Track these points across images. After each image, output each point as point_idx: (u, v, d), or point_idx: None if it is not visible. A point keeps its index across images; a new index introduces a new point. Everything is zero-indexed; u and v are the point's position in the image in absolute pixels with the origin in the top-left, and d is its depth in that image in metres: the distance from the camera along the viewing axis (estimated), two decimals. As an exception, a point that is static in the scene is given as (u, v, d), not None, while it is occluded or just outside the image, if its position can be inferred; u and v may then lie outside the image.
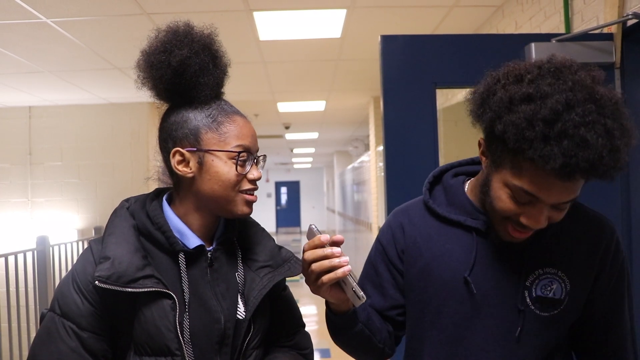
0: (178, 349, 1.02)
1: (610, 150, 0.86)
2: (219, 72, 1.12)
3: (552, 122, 0.87)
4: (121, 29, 3.78)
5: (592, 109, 0.87)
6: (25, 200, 6.27)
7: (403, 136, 2.07)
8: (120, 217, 1.11)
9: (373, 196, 6.88)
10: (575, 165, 0.86)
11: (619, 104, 0.91)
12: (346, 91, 6.39)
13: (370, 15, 3.71)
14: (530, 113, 0.89)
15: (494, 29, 3.60)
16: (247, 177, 1.10)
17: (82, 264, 1.07)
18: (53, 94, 5.75)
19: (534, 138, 0.88)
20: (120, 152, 6.26)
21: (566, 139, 0.86)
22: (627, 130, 0.90)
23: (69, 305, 1.04)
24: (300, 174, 21.27)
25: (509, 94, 0.94)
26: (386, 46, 2.10)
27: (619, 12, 2.11)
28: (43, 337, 1.04)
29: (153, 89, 1.11)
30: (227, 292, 1.10)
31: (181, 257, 1.07)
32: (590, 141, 0.85)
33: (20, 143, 6.25)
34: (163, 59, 1.06)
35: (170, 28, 1.11)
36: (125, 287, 1.00)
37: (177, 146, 1.09)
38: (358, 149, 11.99)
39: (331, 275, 0.97)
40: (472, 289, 1.09)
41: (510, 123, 0.92)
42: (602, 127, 0.87)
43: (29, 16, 3.40)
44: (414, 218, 1.23)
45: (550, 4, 2.72)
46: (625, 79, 2.15)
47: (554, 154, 0.87)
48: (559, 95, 0.89)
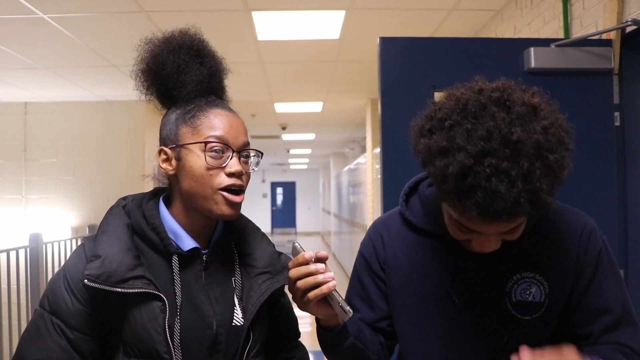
0: (167, 352, 1.00)
1: (528, 193, 0.85)
2: (204, 69, 1.11)
3: (462, 176, 0.86)
4: (119, 27, 3.77)
5: (506, 156, 0.85)
6: (19, 197, 6.24)
7: (400, 139, 2.04)
8: (115, 215, 1.09)
9: (369, 198, 6.88)
10: (492, 215, 0.86)
11: (544, 140, 0.87)
12: (344, 93, 6.39)
13: (369, 16, 3.71)
14: (442, 168, 0.89)
15: (492, 33, 3.60)
16: (225, 171, 1.04)
17: (74, 262, 1.05)
18: (49, 91, 5.72)
19: (449, 191, 0.89)
20: (116, 150, 6.23)
21: (479, 191, 0.85)
22: (552, 165, 0.87)
23: (58, 303, 1.02)
24: (296, 174, 21.25)
25: (428, 145, 0.93)
26: (385, 48, 2.10)
27: (618, 19, 2.11)
28: (32, 333, 1.03)
29: (146, 95, 1.13)
30: (222, 297, 1.08)
31: (174, 259, 1.05)
32: (503, 192, 0.84)
33: (15, 139, 6.22)
34: (145, 61, 1.10)
35: (154, 36, 1.12)
36: (115, 287, 0.98)
37: (162, 145, 1.09)
38: (354, 150, 12.00)
39: (316, 292, 0.97)
40: (455, 299, 1.10)
41: (431, 174, 0.94)
42: (518, 171, 0.85)
43: (25, 12, 3.38)
44: (393, 230, 1.23)
45: (549, 9, 2.72)
46: (624, 85, 2.15)
47: (468, 206, 0.87)
48: (471, 147, 0.86)
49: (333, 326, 1.09)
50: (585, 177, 2.09)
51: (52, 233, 5.24)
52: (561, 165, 0.88)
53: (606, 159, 2.12)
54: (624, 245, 2.12)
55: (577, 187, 2.08)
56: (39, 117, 6.24)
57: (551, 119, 0.91)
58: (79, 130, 6.24)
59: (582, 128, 2.10)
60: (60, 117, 6.24)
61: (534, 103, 0.92)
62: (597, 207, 2.07)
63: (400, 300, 1.17)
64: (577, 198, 1.93)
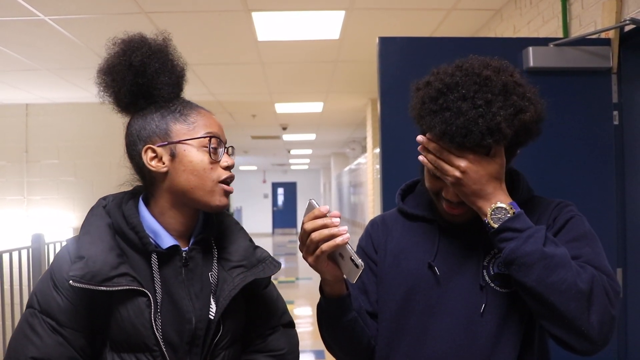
0: (156, 344, 1.04)
1: (486, 117, 1.00)
2: (177, 72, 1.15)
3: (436, 99, 1.05)
4: (120, 28, 3.73)
5: (475, 89, 1.03)
6: (21, 198, 6.26)
7: (400, 138, 2.06)
8: (96, 216, 1.12)
9: (369, 198, 6.89)
10: (453, 132, 1.01)
11: (510, 85, 1.04)
12: (344, 93, 6.40)
13: (369, 17, 3.72)
14: (422, 95, 1.09)
15: (492, 32, 3.61)
16: (221, 165, 1.11)
17: (58, 263, 1.08)
18: (50, 92, 5.74)
19: (425, 114, 1.07)
20: (116, 151, 6.12)
21: (447, 111, 1.03)
22: (514, 104, 1.02)
23: (48, 302, 1.05)
24: (297, 175, 21.26)
25: (418, 84, 1.14)
26: (384, 48, 2.10)
27: (617, 18, 2.12)
28: (26, 332, 1.05)
29: (116, 94, 1.14)
30: (201, 292, 1.10)
31: (153, 257, 1.08)
32: (464, 111, 1.01)
33: (16, 141, 6.23)
34: (124, 60, 1.10)
35: (125, 37, 1.14)
36: (100, 285, 1.01)
37: (148, 144, 1.10)
38: (355, 150, 12.00)
39: (330, 243, 1.00)
40: (436, 271, 1.16)
41: (411, 106, 1.13)
42: (482, 100, 1.01)
43: (27, 13, 3.40)
44: (388, 221, 1.33)
45: (548, 9, 2.73)
46: (622, 84, 2.16)
47: (436, 123, 1.04)
48: (448, 79, 1.06)
49: (337, 294, 1.13)
50: (584, 175, 2.10)
51: (54, 233, 5.25)
52: (522, 108, 1.03)
53: (605, 157, 2.12)
54: (623, 244, 2.13)
55: (576, 185, 2.09)
56: (40, 118, 6.26)
57: (523, 82, 1.08)
58: (80, 132, 6.25)
59: (581, 127, 2.12)
60: (61, 118, 6.25)
61: (510, 68, 1.10)
62: (596, 206, 2.08)
63: (389, 281, 1.23)
64: (576, 196, 1.94)
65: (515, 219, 1.03)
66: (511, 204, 1.05)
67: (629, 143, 2.16)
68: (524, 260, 1.00)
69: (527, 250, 0.99)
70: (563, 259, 0.99)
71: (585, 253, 1.06)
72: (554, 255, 0.99)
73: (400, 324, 1.19)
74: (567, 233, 1.10)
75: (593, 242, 1.09)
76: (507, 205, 1.04)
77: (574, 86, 2.12)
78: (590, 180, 2.10)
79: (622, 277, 2.12)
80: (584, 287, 0.97)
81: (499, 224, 1.04)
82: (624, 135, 2.17)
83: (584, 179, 2.10)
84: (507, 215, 1.04)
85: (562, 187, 2.05)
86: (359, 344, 1.21)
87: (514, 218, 1.03)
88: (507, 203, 1.05)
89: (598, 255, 1.06)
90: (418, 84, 1.13)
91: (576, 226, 1.11)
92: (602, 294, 0.99)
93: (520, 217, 1.04)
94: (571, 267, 0.99)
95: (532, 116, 1.04)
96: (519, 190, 1.17)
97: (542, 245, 1.00)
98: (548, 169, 2.08)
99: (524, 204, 1.15)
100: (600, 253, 1.07)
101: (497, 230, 1.04)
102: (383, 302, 1.24)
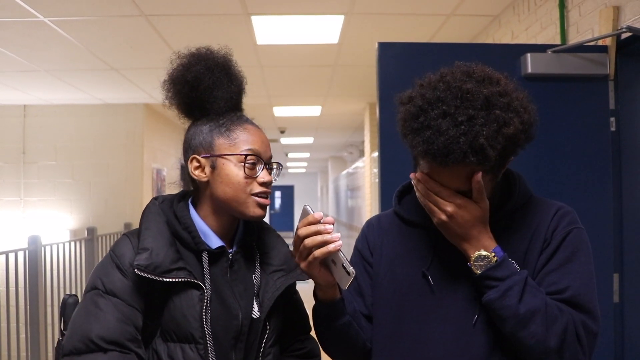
0: (202, 337, 1.10)
1: (469, 135, 0.98)
2: (233, 87, 1.22)
3: (417, 116, 1.03)
4: (119, 30, 3.78)
5: (456, 104, 1.01)
6: (17, 200, 6.24)
7: (399, 143, 2.07)
8: (154, 213, 1.19)
9: (367, 202, 6.89)
10: (434, 152, 1.00)
11: (493, 97, 1.01)
12: (342, 97, 6.41)
13: (368, 22, 3.73)
14: (404, 111, 1.07)
15: (490, 38, 3.62)
16: (257, 180, 1.16)
17: (121, 249, 1.14)
18: (48, 93, 5.73)
19: (407, 132, 1.06)
20: (114, 153, 6.24)
21: (428, 129, 1.01)
22: (496, 118, 1.00)
23: (114, 282, 1.11)
24: (294, 178, 21.25)
25: (401, 97, 1.12)
26: (383, 53, 2.11)
27: (614, 25, 2.13)
28: (90, 310, 1.09)
29: (176, 104, 1.22)
30: (245, 293, 1.18)
31: (204, 255, 1.15)
32: (445, 130, 0.99)
33: (14, 142, 6.22)
34: (180, 75, 1.18)
35: (190, 51, 1.22)
36: (162, 277, 1.08)
37: (194, 154, 1.18)
38: (353, 154, 12.01)
39: (323, 250, 1.02)
40: (430, 281, 1.15)
41: (397, 121, 1.11)
42: (463, 116, 0.99)
43: (26, 15, 3.40)
44: (384, 223, 1.32)
45: (546, 15, 2.75)
46: (619, 91, 2.17)
47: (417, 142, 1.03)
48: (429, 94, 1.04)
49: (330, 299, 1.14)
50: (581, 181, 2.11)
51: (50, 235, 5.24)
52: (506, 122, 1.00)
53: (602, 163, 2.13)
54: (620, 250, 2.14)
55: (573, 191, 2.10)
56: (38, 119, 6.25)
57: (508, 90, 1.04)
58: (78, 133, 6.25)
59: (578, 133, 2.13)
60: (59, 119, 6.25)
61: (495, 76, 1.07)
62: (593, 212, 2.09)
63: (384, 285, 1.23)
64: (573, 202, 1.94)
65: (497, 267, 1.04)
66: (494, 250, 1.07)
67: (626, 149, 2.18)
68: (500, 312, 1.03)
69: (503, 304, 1.02)
70: (535, 313, 1.01)
71: (572, 284, 1.06)
72: (526, 311, 1.01)
73: (394, 329, 1.19)
74: (562, 252, 1.09)
75: (585, 265, 1.09)
76: (489, 253, 1.06)
77: (571, 93, 2.14)
78: (588, 185, 2.11)
79: (618, 282, 2.13)
80: (553, 344, 1.00)
81: (480, 271, 1.06)
82: (621, 142, 2.18)
83: (582, 184, 2.11)
84: (490, 264, 1.05)
85: (559, 193, 2.05)
86: (354, 347, 1.21)
87: (496, 267, 1.05)
88: (490, 250, 1.07)
89: (585, 286, 1.07)
90: (402, 98, 1.12)
91: (572, 243, 1.10)
92: (574, 344, 1.01)
93: (502, 265, 1.05)
94: (544, 320, 1.01)
95: (517, 128, 1.02)
96: (514, 196, 1.16)
97: (518, 299, 1.01)
98: (546, 174, 2.10)
99: (521, 208, 1.16)
100: (588, 282, 1.08)
101: (479, 277, 1.07)
102: (378, 306, 1.24)
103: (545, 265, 1.09)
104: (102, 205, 6.25)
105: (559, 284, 1.06)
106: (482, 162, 1.00)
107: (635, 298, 2.13)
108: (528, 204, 1.17)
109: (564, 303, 1.04)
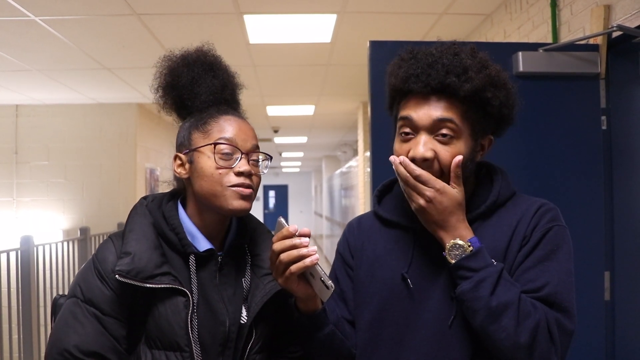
0: (187, 345, 1.06)
1: (454, 61, 1.05)
2: (216, 82, 1.20)
3: (407, 59, 1.10)
4: (111, 29, 3.77)
5: (448, 52, 1.08)
6: (10, 200, 6.21)
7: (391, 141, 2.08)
8: (140, 215, 1.16)
9: (360, 201, 6.90)
10: (418, 73, 1.06)
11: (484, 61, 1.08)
12: (335, 96, 6.41)
13: (361, 20, 3.73)
14: (394, 61, 1.15)
15: (482, 37, 3.63)
16: (233, 171, 1.11)
17: (104, 254, 1.11)
18: (41, 93, 5.70)
19: (393, 71, 1.12)
20: (108, 153, 6.22)
21: (415, 60, 1.09)
22: (482, 60, 1.07)
23: (92, 291, 1.08)
24: (288, 178, 21.24)
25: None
26: (375, 52, 2.11)
27: (605, 24, 2.14)
28: (68, 320, 1.07)
29: (167, 107, 1.22)
30: (234, 297, 1.14)
31: (191, 259, 1.11)
32: (435, 54, 1.07)
33: (6, 142, 6.19)
34: (163, 77, 1.19)
35: (172, 53, 1.22)
36: (144, 282, 1.05)
37: (177, 152, 1.17)
38: (346, 154, 12.02)
39: (299, 265, 1.00)
40: (409, 284, 1.13)
41: (386, 72, 1.17)
42: (452, 53, 1.07)
43: (17, 14, 3.38)
44: (364, 224, 1.30)
45: (538, 14, 2.76)
46: (610, 89, 2.18)
47: (400, 72, 1.09)
48: (422, 49, 1.11)
49: (312, 310, 1.12)
50: (572, 180, 2.12)
51: (43, 235, 5.22)
52: (489, 64, 1.08)
53: (593, 162, 2.14)
54: (611, 248, 2.15)
55: (564, 189, 2.11)
56: (30, 119, 6.22)
57: (498, 68, 1.10)
58: (71, 133, 6.22)
59: (570, 131, 2.14)
60: (51, 119, 6.21)
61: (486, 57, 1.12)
62: (584, 209, 2.10)
63: (365, 289, 1.20)
64: (564, 200, 1.96)
65: (472, 257, 1.02)
66: (471, 240, 1.05)
67: (617, 147, 2.19)
68: (471, 304, 1.00)
69: (475, 295, 0.99)
70: (508, 306, 0.98)
71: (549, 282, 1.04)
72: (498, 304, 0.98)
73: (375, 334, 1.16)
74: (541, 249, 1.07)
75: (563, 263, 1.07)
76: (464, 243, 1.04)
77: (562, 91, 2.15)
78: (579, 184, 2.12)
79: (609, 280, 2.14)
80: (524, 340, 0.97)
81: (455, 260, 1.04)
82: (612, 140, 2.19)
83: (573, 182, 2.11)
84: (464, 254, 1.03)
85: (550, 191, 2.06)
86: (339, 355, 1.18)
87: (470, 257, 1.02)
88: (465, 240, 1.05)
89: (562, 284, 1.04)
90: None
91: (551, 241, 1.08)
92: (545, 341, 0.99)
93: (476, 256, 1.02)
94: (516, 314, 0.98)
95: (498, 73, 1.08)
96: (496, 189, 1.14)
97: (490, 292, 0.99)
98: (536, 172, 2.10)
99: (504, 205, 1.14)
100: (566, 280, 1.05)
101: (453, 266, 1.04)
102: (359, 311, 1.21)
103: (523, 262, 1.07)
104: (95, 205, 6.23)
105: (536, 281, 1.04)
106: (463, 83, 1.04)
107: (626, 295, 2.14)
108: (511, 201, 1.15)
109: (540, 301, 1.02)
